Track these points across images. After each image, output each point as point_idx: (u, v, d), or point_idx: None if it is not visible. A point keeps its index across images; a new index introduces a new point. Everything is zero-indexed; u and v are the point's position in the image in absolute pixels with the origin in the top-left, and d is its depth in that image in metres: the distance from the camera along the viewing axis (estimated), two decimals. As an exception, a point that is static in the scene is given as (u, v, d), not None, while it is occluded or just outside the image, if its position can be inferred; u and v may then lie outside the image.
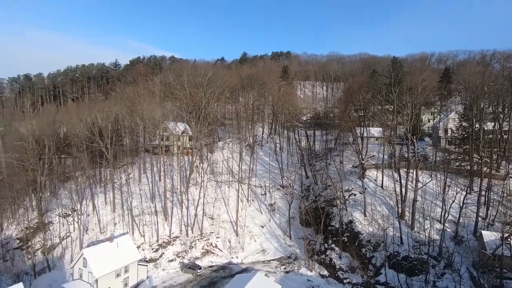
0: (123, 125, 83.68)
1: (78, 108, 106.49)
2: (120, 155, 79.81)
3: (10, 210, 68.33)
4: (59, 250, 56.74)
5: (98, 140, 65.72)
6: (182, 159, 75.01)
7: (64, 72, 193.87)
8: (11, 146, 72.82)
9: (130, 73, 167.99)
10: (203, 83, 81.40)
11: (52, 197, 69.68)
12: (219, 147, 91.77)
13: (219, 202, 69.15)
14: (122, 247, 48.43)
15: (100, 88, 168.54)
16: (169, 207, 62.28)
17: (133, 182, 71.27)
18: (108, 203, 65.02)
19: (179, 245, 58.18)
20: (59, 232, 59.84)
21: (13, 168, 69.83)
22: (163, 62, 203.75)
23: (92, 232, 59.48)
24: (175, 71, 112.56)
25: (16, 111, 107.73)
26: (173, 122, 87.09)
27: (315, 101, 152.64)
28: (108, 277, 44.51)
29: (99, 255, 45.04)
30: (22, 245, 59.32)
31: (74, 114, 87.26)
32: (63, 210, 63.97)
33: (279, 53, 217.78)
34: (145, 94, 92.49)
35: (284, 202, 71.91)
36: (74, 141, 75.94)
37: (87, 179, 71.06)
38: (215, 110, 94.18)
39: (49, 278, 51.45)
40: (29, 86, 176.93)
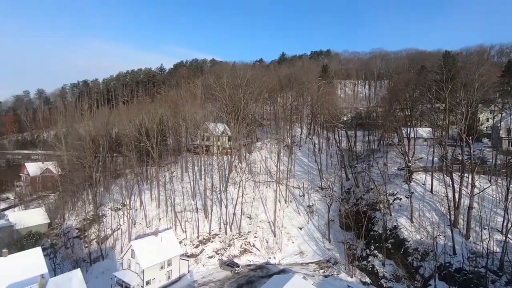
0: (167, 126, 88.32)
1: (128, 110, 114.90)
2: (164, 154, 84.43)
3: (71, 202, 76.04)
4: (111, 241, 61.67)
5: (145, 140, 70.21)
6: (221, 159, 77.00)
7: (116, 77, 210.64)
8: (72, 145, 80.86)
9: (174, 77, 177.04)
10: (242, 84, 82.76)
11: (105, 192, 75.99)
12: (257, 147, 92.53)
13: (257, 202, 69.69)
14: (166, 241, 51.09)
15: (147, 91, 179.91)
16: (209, 205, 64.31)
17: (176, 180, 74.86)
18: (153, 199, 69.10)
19: (218, 242, 59.77)
20: (111, 225, 65.05)
21: (73, 164, 77.58)
22: (204, 65, 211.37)
23: (139, 225, 63.65)
24: (215, 74, 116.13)
25: (76, 113, 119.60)
26: (213, 123, 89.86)
27: (357, 100, 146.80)
28: (153, 268, 47.24)
29: (146, 247, 48.02)
30: (80, 234, 65.56)
31: (124, 116, 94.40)
32: (114, 204, 69.39)
33: (318, 52, 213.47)
34: (187, 96, 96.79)
35: (323, 204, 70.18)
36: (124, 141, 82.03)
37: (135, 176, 76.25)
38: (254, 111, 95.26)
39: (102, 266, 56.14)
40: (87, 91, 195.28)
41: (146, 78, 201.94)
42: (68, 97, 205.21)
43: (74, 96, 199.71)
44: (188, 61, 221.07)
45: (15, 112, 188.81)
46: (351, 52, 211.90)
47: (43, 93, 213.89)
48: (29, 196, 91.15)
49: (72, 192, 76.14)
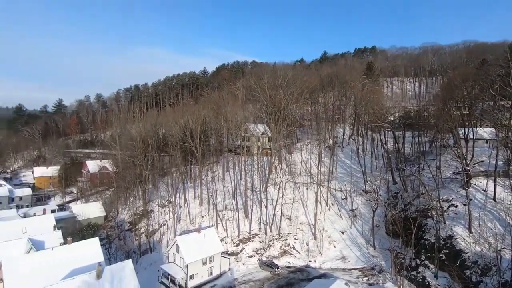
0: (209, 126, 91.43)
1: (174, 112, 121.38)
2: (207, 154, 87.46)
3: (123, 197, 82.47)
4: (158, 235, 65.58)
5: (189, 140, 73.47)
6: (261, 159, 77.49)
7: (163, 81, 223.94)
8: (125, 144, 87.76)
9: (216, 79, 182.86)
10: (282, 85, 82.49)
11: (153, 189, 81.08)
12: (298, 148, 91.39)
13: (297, 204, 68.81)
14: (208, 238, 52.84)
15: (191, 94, 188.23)
16: (249, 205, 65.08)
17: (218, 180, 77.08)
18: (196, 197, 71.96)
19: (258, 242, 60.19)
20: (158, 220, 69.18)
21: (126, 163, 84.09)
22: (245, 67, 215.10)
23: (184, 222, 66.74)
24: (256, 75, 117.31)
25: (128, 115, 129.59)
26: (253, 123, 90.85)
27: (405, 98, 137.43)
28: (196, 264, 49.15)
29: (189, 243, 50.17)
30: (132, 228, 70.76)
31: (170, 118, 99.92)
32: (161, 201, 73.69)
33: (362, 49, 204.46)
34: (229, 97, 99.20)
35: (367, 209, 66.85)
36: (170, 141, 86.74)
37: (180, 175, 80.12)
38: (294, 111, 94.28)
39: (150, 259, 59.97)
40: (138, 95, 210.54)
41: (190, 81, 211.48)
42: (122, 101, 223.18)
43: (127, 99, 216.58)
44: (229, 63, 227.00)
45: (78, 115, 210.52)
46: (399, 47, 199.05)
47: (101, 97, 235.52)
48: (89, 190, 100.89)
49: (125, 188, 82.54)
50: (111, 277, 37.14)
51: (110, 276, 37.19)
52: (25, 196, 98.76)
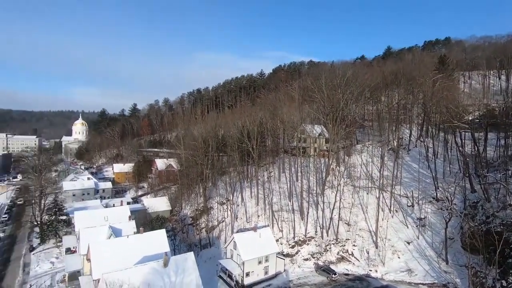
0: (266, 128, 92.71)
1: (232, 114, 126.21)
2: (263, 155, 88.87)
3: (186, 194, 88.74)
4: (217, 231, 68.93)
5: (246, 141, 75.60)
6: (318, 161, 75.66)
7: (223, 84, 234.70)
8: (188, 145, 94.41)
9: (273, 81, 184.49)
10: (341, 84, 79.32)
11: (213, 187, 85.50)
12: (357, 150, 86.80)
13: (357, 209, 65.38)
14: (264, 238, 53.60)
15: (249, 96, 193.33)
16: (305, 207, 64.10)
17: (273, 180, 77.67)
18: (253, 196, 73.62)
19: (314, 245, 58.90)
20: (217, 216, 72.69)
21: (189, 162, 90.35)
22: (301, 68, 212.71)
23: (240, 220, 68.89)
24: (313, 75, 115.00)
25: (191, 118, 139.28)
26: (310, 124, 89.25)
27: (488, 95, 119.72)
28: (252, 262, 50.27)
29: (246, 241, 51.58)
30: (193, 222, 75.71)
31: (229, 119, 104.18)
32: (220, 199, 77.28)
33: (433, 42, 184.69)
34: (285, 98, 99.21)
35: (439, 218, 60.06)
36: (229, 142, 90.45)
37: (238, 174, 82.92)
38: (354, 112, 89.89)
39: (210, 253, 63.34)
40: (200, 98, 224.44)
41: (248, 84, 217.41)
42: (186, 104, 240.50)
43: (190, 102, 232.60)
44: (286, 64, 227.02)
45: (149, 117, 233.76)
46: (480, 37, 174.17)
47: (168, 101, 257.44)
48: (157, 186, 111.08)
49: (188, 185, 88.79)
50: (176, 267, 40.28)
51: (175, 266, 40.37)
52: (107, 189, 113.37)
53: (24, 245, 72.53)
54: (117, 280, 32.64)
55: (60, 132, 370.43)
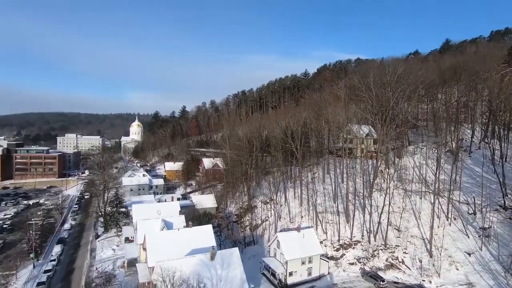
0: (310, 128, 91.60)
1: (276, 114, 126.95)
2: (307, 156, 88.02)
3: (231, 192, 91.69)
4: (260, 229, 70.13)
5: (290, 141, 75.65)
6: (365, 163, 72.65)
7: (267, 86, 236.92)
8: (233, 145, 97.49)
9: (317, 80, 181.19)
10: (391, 82, 75.10)
11: (256, 186, 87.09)
12: (409, 151, 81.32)
13: (408, 214, 61.39)
14: (307, 238, 53.22)
15: (293, 96, 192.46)
16: (351, 209, 62.10)
17: (318, 181, 76.50)
18: (296, 197, 73.40)
19: (360, 250, 56.80)
20: (261, 215, 73.91)
21: (234, 161, 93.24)
22: (348, 66, 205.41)
23: (284, 220, 69.19)
24: (360, 73, 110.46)
25: (236, 119, 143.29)
26: (357, 124, 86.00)
27: None
28: (296, 262, 50.27)
29: (289, 241, 51.76)
30: (238, 220, 77.98)
31: (273, 120, 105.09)
32: (264, 198, 78.46)
33: (503, 31, 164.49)
34: (330, 98, 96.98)
35: (507, 229, 53.69)
36: (272, 142, 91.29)
37: (281, 174, 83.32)
38: (405, 110, 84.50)
39: (253, 250, 64.72)
40: (244, 99, 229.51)
41: (292, 84, 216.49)
42: (231, 105, 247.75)
43: (235, 104, 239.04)
44: (331, 63, 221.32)
45: (196, 119, 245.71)
46: None
47: (214, 103, 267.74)
48: (204, 184, 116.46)
49: (232, 184, 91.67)
50: (222, 260, 42.22)
51: (221, 259, 42.34)
52: (159, 185, 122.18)
53: (91, 232, 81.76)
54: (170, 268, 35.36)
55: (119, 132, 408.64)
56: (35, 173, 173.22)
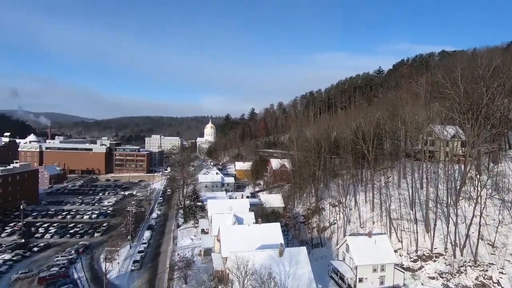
0: (384, 129, 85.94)
1: (346, 115, 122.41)
2: (380, 158, 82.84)
3: (299, 193, 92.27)
4: (328, 232, 69.09)
5: (361, 143, 72.45)
6: (450, 168, 64.84)
7: (336, 85, 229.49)
8: (300, 146, 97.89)
9: (393, 77, 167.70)
10: (484, 76, 65.45)
11: (324, 188, 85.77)
12: (509, 156, 69.50)
13: (506, 228, 52.78)
14: (379, 245, 50.52)
15: (364, 96, 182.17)
16: (432, 218, 56.38)
17: (392, 186, 71.47)
18: (367, 201, 69.97)
19: (442, 264, 51.24)
20: (329, 218, 72.71)
21: (301, 162, 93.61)
22: (430, 60, 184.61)
23: (353, 224, 66.76)
24: (445, 67, 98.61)
25: (303, 120, 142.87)
26: (440, 125, 77.26)
27: None
28: (366, 268, 48.28)
29: (359, 245, 49.97)
30: (305, 221, 78.17)
31: (342, 121, 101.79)
32: (332, 200, 76.94)
33: None
34: (408, 96, 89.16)
35: None
36: (342, 144, 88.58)
37: (351, 177, 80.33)
38: (504, 108, 72.60)
39: (321, 252, 64.22)
40: (312, 100, 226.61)
41: (363, 83, 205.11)
42: (298, 107, 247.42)
43: (303, 105, 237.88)
44: (409, 58, 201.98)
45: (264, 120, 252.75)
46: None
47: (282, 104, 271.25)
48: (272, 184, 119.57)
49: (300, 185, 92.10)
50: (290, 258, 43.48)
51: (289, 257, 43.62)
52: (230, 183, 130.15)
53: (173, 222, 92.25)
54: (243, 258, 38.16)
55: (195, 134, 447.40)
56: (129, 168, 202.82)
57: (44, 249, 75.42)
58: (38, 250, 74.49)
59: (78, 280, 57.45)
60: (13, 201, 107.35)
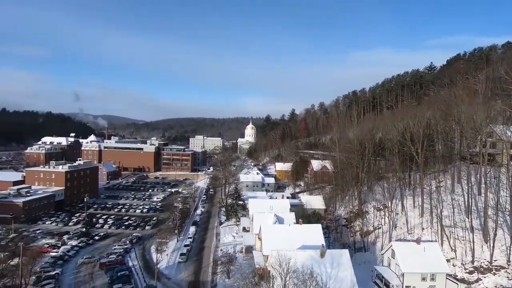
0: (435, 130, 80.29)
1: (392, 115, 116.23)
2: (431, 161, 77.56)
3: (341, 195, 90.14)
4: (372, 236, 66.61)
5: (409, 144, 68.60)
6: (515, 172, 58.49)
7: (381, 84, 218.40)
8: (343, 147, 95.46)
9: (447, 74, 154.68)
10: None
11: (368, 191, 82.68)
12: None
13: None
14: (429, 253, 47.67)
15: (413, 94, 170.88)
16: (491, 227, 51.48)
17: (444, 191, 66.55)
18: (416, 206, 66.08)
19: (504, 278, 46.57)
20: (373, 222, 70.07)
21: (343, 164, 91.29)
22: (492, 53, 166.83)
23: (400, 230, 63.54)
24: (510, 61, 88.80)
25: (346, 120, 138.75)
26: (502, 125, 70.00)
27: None
28: (414, 276, 45.85)
29: (406, 252, 47.64)
30: (347, 224, 76.22)
31: (388, 121, 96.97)
32: (376, 204, 73.97)
33: None
34: (464, 94, 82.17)
35: None
36: (387, 145, 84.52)
37: (398, 180, 76.38)
38: None
39: (364, 257, 62.24)
40: (355, 100, 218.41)
41: (412, 81, 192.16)
42: (341, 107, 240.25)
43: (345, 105, 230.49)
44: (467, 52, 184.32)
45: (305, 121, 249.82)
46: None
47: (323, 105, 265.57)
48: (312, 185, 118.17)
49: (342, 187, 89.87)
50: (331, 260, 43.15)
51: (331, 258, 43.31)
52: (271, 184, 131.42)
53: (216, 219, 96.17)
54: (285, 256, 38.86)
55: (236, 134, 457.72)
56: (175, 167, 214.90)
57: (103, 238, 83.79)
58: (99, 239, 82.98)
59: (133, 268, 63.11)
60: (78, 194, 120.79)
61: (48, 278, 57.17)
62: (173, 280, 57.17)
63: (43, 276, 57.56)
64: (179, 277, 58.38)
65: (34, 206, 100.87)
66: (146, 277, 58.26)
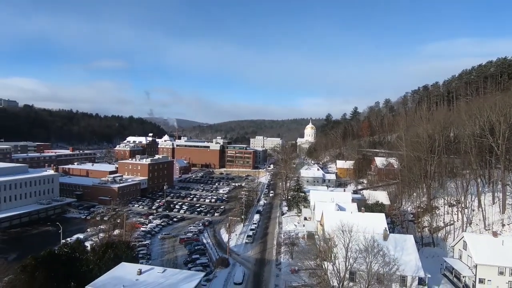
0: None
1: (469, 108, 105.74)
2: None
3: (407, 192, 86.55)
4: (443, 232, 63.45)
5: (488, 135, 63.35)
6: None
7: (458, 76, 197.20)
8: (409, 142, 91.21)
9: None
10: None
11: (439, 187, 78.00)
12: None
13: None
14: (509, 246, 44.53)
15: (498, 86, 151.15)
16: None
17: (533, 187, 59.78)
18: (495, 202, 60.81)
19: None
20: (443, 218, 66.49)
21: (410, 159, 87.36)
22: None
23: (476, 226, 59.38)
24: None
25: (415, 116, 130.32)
26: None
27: None
28: (489, 269, 43.49)
29: (480, 244, 45.38)
30: (414, 219, 73.39)
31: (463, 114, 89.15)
32: (448, 200, 69.73)
33: None
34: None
35: None
36: (462, 140, 78.27)
37: (474, 175, 70.63)
38: None
39: (432, 251, 59.88)
40: (426, 95, 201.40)
41: (497, 71, 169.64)
42: (409, 104, 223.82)
43: (414, 102, 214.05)
44: None
45: (368, 119, 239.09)
46: None
47: (389, 102, 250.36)
48: (376, 183, 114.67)
49: (409, 183, 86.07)
50: (395, 243, 44.01)
51: (394, 242, 44.19)
52: (331, 180, 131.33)
53: (278, 210, 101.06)
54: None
55: (294, 135, 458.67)
56: (238, 164, 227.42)
57: (180, 221, 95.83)
58: (176, 220, 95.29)
59: (207, 244, 71.92)
60: (157, 183, 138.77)
61: (142, 246, 69.17)
62: (241, 256, 63.74)
63: (137, 244, 69.78)
64: (246, 254, 64.71)
65: (126, 192, 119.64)
66: (218, 252, 66.08)
